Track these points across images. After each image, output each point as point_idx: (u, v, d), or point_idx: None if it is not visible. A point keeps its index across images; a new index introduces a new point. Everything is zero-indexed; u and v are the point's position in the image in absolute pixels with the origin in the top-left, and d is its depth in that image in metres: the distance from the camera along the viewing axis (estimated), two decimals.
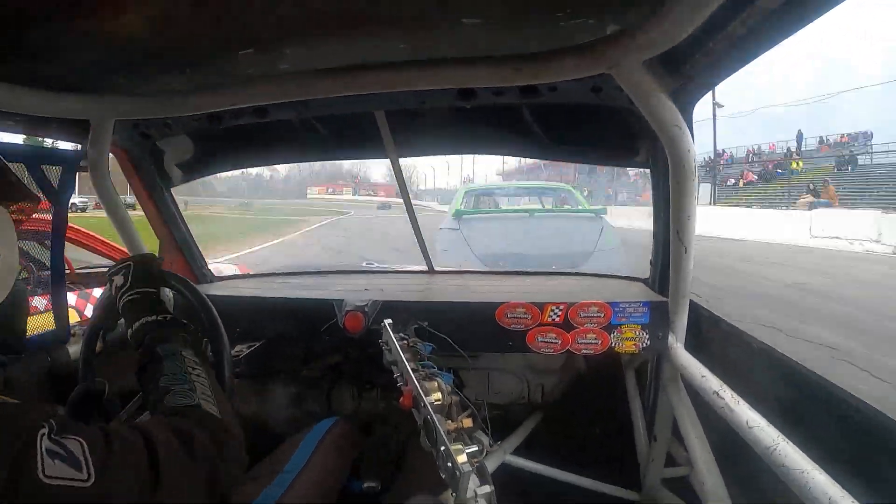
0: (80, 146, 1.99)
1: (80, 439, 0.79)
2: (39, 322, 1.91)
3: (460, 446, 1.16)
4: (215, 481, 0.97)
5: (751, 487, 1.60)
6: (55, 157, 1.91)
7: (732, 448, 1.59)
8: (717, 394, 1.50)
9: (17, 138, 1.84)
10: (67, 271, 2.37)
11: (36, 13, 1.05)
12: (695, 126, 1.55)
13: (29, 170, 1.79)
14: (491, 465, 2.16)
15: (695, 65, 1.36)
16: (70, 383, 1.65)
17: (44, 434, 0.75)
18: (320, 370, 2.61)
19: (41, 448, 0.74)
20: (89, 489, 0.75)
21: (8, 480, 0.70)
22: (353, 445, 1.91)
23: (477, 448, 1.18)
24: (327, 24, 1.21)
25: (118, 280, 1.42)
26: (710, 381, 1.58)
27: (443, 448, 1.17)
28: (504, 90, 1.73)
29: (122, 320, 1.40)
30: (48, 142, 2.20)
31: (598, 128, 1.94)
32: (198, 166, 2.41)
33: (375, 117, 2.04)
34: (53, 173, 1.89)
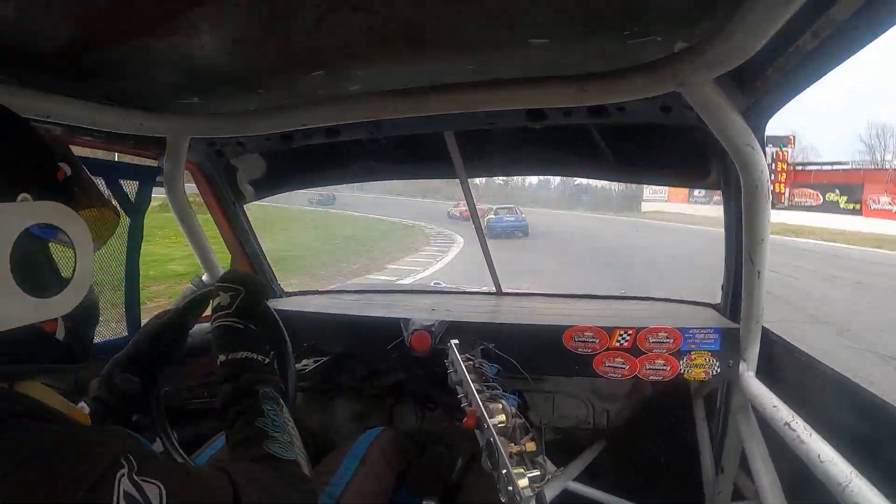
0: (156, 162, 2.07)
1: (160, 484, 0.74)
2: None
3: (522, 470, 1.14)
4: None
5: None
6: (133, 171, 2.00)
7: (803, 483, 1.52)
8: (789, 425, 1.44)
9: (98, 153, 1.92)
10: None
11: (114, 34, 1.11)
12: None
13: (107, 183, 1.87)
14: (552, 490, 2.13)
15: (766, 81, 1.33)
16: None
17: (123, 474, 0.70)
18: (385, 387, 2.63)
19: (119, 490, 0.69)
20: None
21: None
22: (400, 454, 1.91)
23: (539, 473, 1.16)
24: (394, 47, 1.23)
25: (223, 299, 1.34)
26: (781, 412, 1.52)
27: (504, 471, 1.16)
28: (572, 110, 1.73)
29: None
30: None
31: (668, 148, 1.90)
32: (270, 184, 2.46)
33: (445, 138, 2.06)
34: (131, 188, 1.98)
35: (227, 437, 1.10)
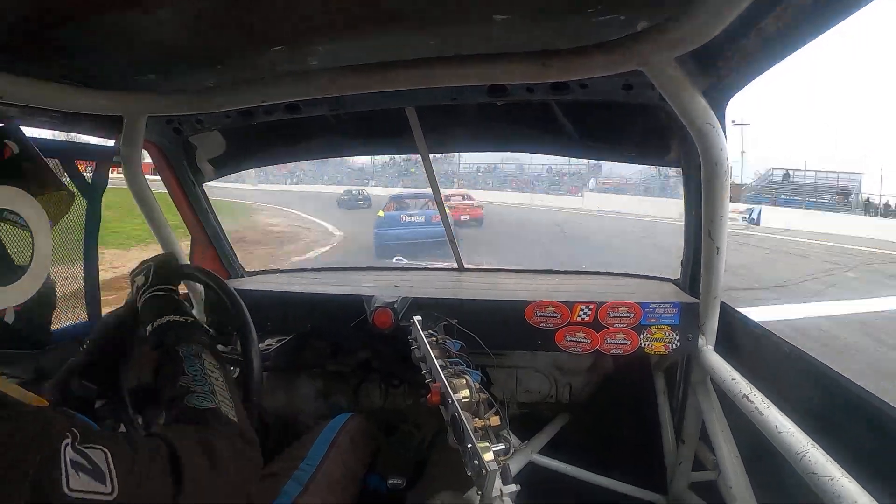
0: (113, 142, 2.02)
1: (104, 448, 0.77)
2: None
3: (487, 444, 1.15)
4: (235, 488, 0.98)
5: (779, 493, 1.58)
6: (89, 152, 1.95)
7: (761, 453, 1.57)
8: (747, 397, 1.48)
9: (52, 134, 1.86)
10: None
11: (70, 11, 1.07)
12: None
13: (63, 164, 1.82)
14: (517, 463, 2.16)
15: (727, 62, 1.35)
16: None
17: (67, 444, 0.74)
18: (349, 365, 2.64)
19: (66, 459, 0.72)
20: (113, 502, 0.74)
21: (33, 492, 0.68)
22: (369, 439, 1.91)
23: (504, 446, 1.17)
24: (356, 21, 1.21)
25: (139, 280, 1.43)
26: (739, 385, 1.56)
27: (469, 446, 1.17)
28: (534, 87, 1.73)
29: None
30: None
31: (629, 125, 1.92)
32: (230, 162, 2.43)
33: (406, 113, 2.05)
34: (87, 169, 1.93)
35: (161, 402, 1.15)
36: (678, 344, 1.95)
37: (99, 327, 1.54)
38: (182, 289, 2.26)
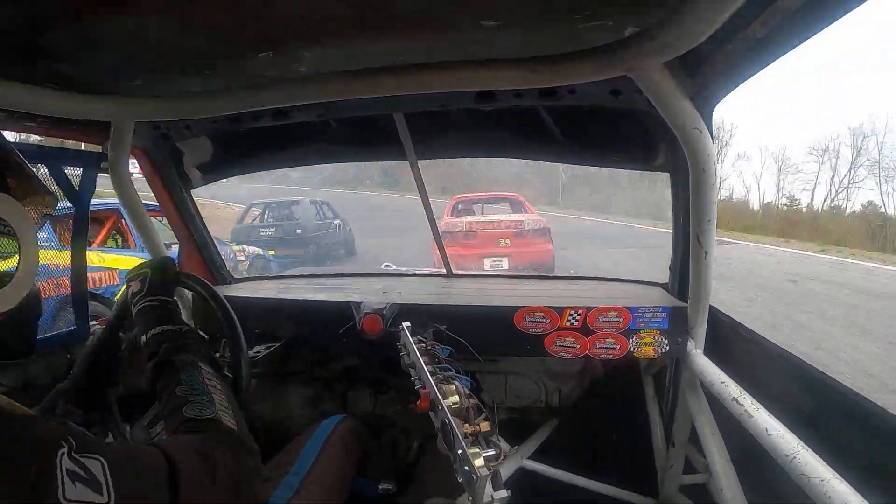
0: (100, 148, 2.00)
1: (101, 458, 0.76)
2: None
3: (477, 450, 1.16)
4: (234, 497, 0.97)
5: (770, 495, 1.59)
6: (76, 157, 1.93)
7: (751, 455, 1.57)
8: (737, 400, 1.48)
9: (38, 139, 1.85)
10: None
11: (57, 15, 1.06)
12: None
13: (50, 171, 1.81)
14: (508, 469, 2.16)
15: (715, 67, 1.35)
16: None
17: (64, 453, 0.72)
18: (337, 372, 2.63)
19: (62, 468, 0.71)
20: None
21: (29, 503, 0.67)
22: (359, 442, 1.92)
23: (494, 452, 1.17)
24: (345, 27, 1.21)
25: (135, 286, 1.42)
26: (729, 388, 1.56)
27: (460, 451, 1.17)
28: (522, 92, 1.73)
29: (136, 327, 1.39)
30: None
31: (618, 131, 1.92)
32: (218, 168, 2.42)
33: (395, 120, 2.04)
34: (74, 175, 1.91)
35: (158, 413, 1.19)
36: (667, 348, 1.95)
37: (84, 353, 1.55)
38: None
